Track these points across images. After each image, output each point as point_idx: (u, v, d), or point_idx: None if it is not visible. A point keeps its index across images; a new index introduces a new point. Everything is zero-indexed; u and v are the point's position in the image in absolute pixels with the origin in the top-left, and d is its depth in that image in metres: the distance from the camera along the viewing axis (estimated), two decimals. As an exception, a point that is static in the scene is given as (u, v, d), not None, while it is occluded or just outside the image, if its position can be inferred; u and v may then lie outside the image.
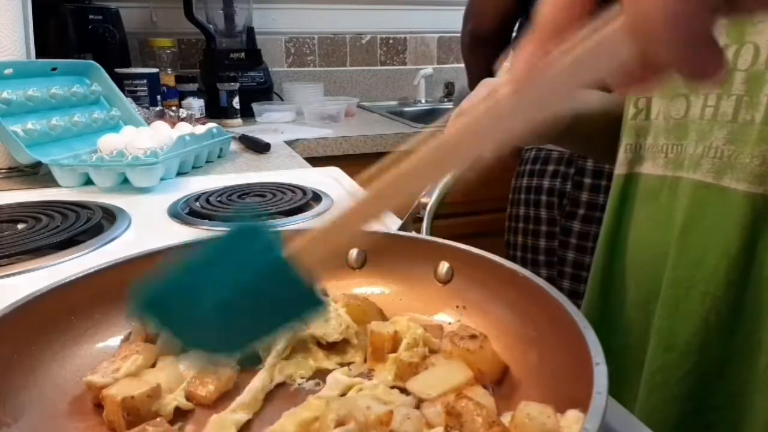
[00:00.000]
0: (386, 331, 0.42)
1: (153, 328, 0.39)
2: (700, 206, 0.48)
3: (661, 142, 0.52)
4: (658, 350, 0.51)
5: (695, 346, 0.48)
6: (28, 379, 0.38)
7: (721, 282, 0.46)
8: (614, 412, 0.38)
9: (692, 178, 0.48)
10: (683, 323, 0.48)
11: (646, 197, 0.54)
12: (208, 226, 0.73)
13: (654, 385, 0.51)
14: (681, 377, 0.48)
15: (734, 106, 0.45)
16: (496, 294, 0.44)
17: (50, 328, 0.41)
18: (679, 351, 0.49)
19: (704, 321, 0.47)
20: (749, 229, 0.44)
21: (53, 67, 1.07)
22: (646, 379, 0.52)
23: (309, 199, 0.84)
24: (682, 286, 0.49)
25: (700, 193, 0.47)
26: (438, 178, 0.29)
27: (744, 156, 0.44)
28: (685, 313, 0.48)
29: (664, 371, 0.50)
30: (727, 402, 0.47)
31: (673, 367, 0.49)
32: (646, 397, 0.52)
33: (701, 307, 0.47)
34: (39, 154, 0.93)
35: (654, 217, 0.53)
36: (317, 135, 1.54)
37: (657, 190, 0.53)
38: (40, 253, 0.63)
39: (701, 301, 0.47)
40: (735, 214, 0.45)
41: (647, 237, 0.54)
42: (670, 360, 0.49)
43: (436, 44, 2.29)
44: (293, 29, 2.08)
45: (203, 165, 1.10)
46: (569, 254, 1.07)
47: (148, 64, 1.80)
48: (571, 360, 0.33)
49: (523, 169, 1.17)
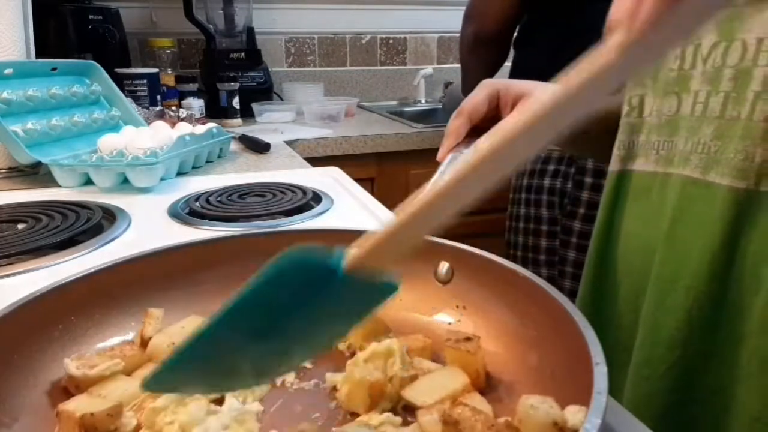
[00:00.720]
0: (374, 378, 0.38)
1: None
2: (687, 201, 0.48)
3: (653, 138, 0.53)
4: (645, 344, 0.51)
5: (679, 340, 0.48)
6: (28, 379, 0.38)
7: (704, 276, 0.46)
8: (614, 411, 0.38)
9: (681, 174, 0.49)
10: (668, 317, 0.49)
11: (638, 194, 0.55)
12: (208, 226, 0.73)
13: (640, 378, 0.51)
14: (665, 370, 0.49)
15: (722, 102, 0.46)
16: (496, 294, 0.44)
17: (50, 328, 0.41)
18: (664, 345, 0.49)
19: (688, 315, 0.47)
20: (732, 223, 0.45)
21: (53, 67, 1.07)
22: (633, 371, 0.52)
23: (309, 199, 0.84)
24: (668, 281, 0.49)
25: (688, 189, 0.48)
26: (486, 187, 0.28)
27: (729, 151, 0.45)
28: (670, 308, 0.49)
29: (649, 364, 0.51)
30: (711, 395, 0.48)
31: (658, 360, 0.50)
32: (632, 389, 0.52)
33: (685, 302, 0.48)
34: (39, 154, 0.93)
35: (644, 214, 0.54)
36: (317, 135, 1.54)
37: (648, 187, 0.53)
38: (40, 253, 0.63)
39: (685, 295, 0.48)
40: (719, 209, 0.45)
41: (637, 233, 0.55)
42: (655, 353, 0.50)
43: (436, 44, 2.29)
44: (293, 29, 2.09)
45: (203, 165, 1.10)
46: (570, 253, 1.07)
47: (148, 64, 1.80)
48: (571, 360, 0.33)
49: (523, 169, 1.17)
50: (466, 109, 0.58)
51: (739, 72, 0.45)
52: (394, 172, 1.61)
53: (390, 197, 1.50)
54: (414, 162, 1.59)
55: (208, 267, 0.49)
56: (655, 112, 0.53)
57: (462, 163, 0.27)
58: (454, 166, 0.56)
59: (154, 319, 0.44)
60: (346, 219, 0.78)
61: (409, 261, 0.28)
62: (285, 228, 0.70)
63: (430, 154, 0.65)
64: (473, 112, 0.58)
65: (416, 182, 1.59)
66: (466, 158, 0.27)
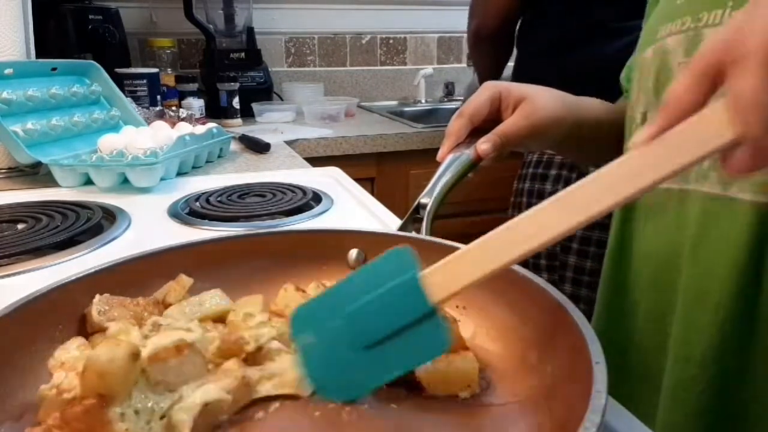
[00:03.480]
0: None
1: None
2: (709, 218, 0.47)
3: None
4: (677, 364, 0.50)
5: (713, 358, 0.47)
6: (28, 379, 0.38)
7: (732, 292, 0.46)
8: (614, 411, 0.38)
9: (700, 191, 0.48)
10: (699, 335, 0.48)
11: (652, 211, 0.54)
12: (208, 226, 0.73)
13: (674, 400, 0.50)
14: (701, 390, 0.48)
15: None
16: (496, 294, 0.44)
17: (50, 328, 0.41)
18: (696, 364, 0.48)
19: (720, 332, 0.47)
20: (757, 238, 0.44)
21: (53, 67, 1.07)
22: (666, 395, 0.51)
23: (309, 199, 0.84)
24: (696, 299, 0.48)
25: (709, 205, 0.47)
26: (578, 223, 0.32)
27: None
28: (700, 326, 0.48)
29: (683, 385, 0.49)
30: (749, 408, 0.47)
31: (692, 380, 0.49)
32: (667, 413, 0.51)
33: (715, 318, 0.47)
34: (39, 154, 0.93)
35: (663, 230, 0.53)
36: (317, 135, 1.54)
37: (663, 204, 0.52)
38: (40, 253, 0.63)
39: (715, 312, 0.47)
40: (742, 224, 0.45)
41: (657, 251, 0.54)
42: (688, 373, 0.49)
43: (436, 44, 2.29)
44: (293, 29, 2.09)
45: (203, 165, 1.10)
46: (570, 259, 1.07)
47: (148, 64, 1.80)
48: (571, 360, 0.33)
49: (525, 173, 1.17)
50: (468, 111, 0.58)
51: None
52: (394, 172, 1.61)
53: (390, 197, 1.50)
54: (414, 162, 1.59)
55: (208, 267, 0.49)
56: None
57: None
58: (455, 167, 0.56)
59: (181, 287, 0.45)
60: (346, 219, 0.78)
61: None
62: (285, 228, 0.70)
63: (430, 154, 0.65)
64: (474, 114, 0.58)
65: (416, 182, 1.59)
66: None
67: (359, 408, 0.36)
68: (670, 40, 0.51)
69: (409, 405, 0.37)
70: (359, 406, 0.35)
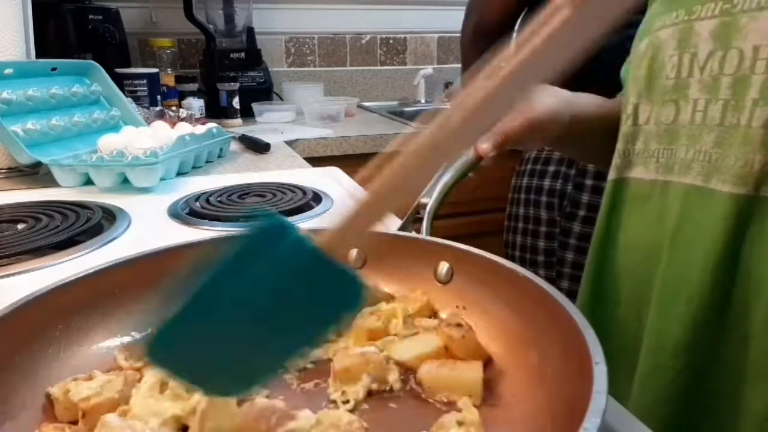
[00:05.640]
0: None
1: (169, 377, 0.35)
2: (689, 209, 0.48)
3: (653, 147, 0.53)
4: (650, 352, 0.51)
5: (685, 347, 0.48)
6: (28, 379, 0.38)
7: (708, 282, 0.46)
8: (613, 411, 0.38)
9: (682, 182, 0.49)
10: (673, 324, 0.49)
11: (637, 201, 0.55)
12: (208, 226, 0.73)
13: (647, 386, 0.51)
14: (672, 378, 0.49)
15: (721, 110, 0.46)
16: (496, 294, 0.44)
17: (50, 328, 0.41)
18: (670, 352, 0.49)
19: (693, 321, 0.47)
20: (734, 229, 0.45)
21: (53, 67, 1.07)
22: (639, 380, 0.52)
23: (309, 199, 0.84)
24: (672, 288, 0.49)
25: (690, 197, 0.48)
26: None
27: (729, 158, 0.45)
28: (675, 315, 0.49)
29: (656, 372, 0.50)
30: (718, 399, 0.48)
31: (665, 368, 0.50)
32: (639, 397, 0.52)
33: (688, 309, 0.48)
34: (39, 154, 0.93)
35: (645, 222, 0.54)
36: (317, 135, 1.54)
37: (647, 195, 0.53)
38: (40, 253, 0.63)
39: (688, 302, 0.48)
40: (720, 215, 0.45)
41: (639, 240, 0.55)
42: (661, 361, 0.50)
43: (436, 44, 2.29)
44: (293, 29, 2.09)
45: (203, 165, 1.10)
46: (568, 255, 1.07)
47: (148, 64, 1.80)
48: (571, 360, 0.33)
49: (523, 169, 1.16)
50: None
51: (737, 80, 0.45)
52: (394, 172, 1.61)
53: (390, 197, 1.50)
54: (414, 162, 1.59)
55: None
56: (653, 120, 0.53)
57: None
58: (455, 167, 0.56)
59: None
60: (346, 219, 0.78)
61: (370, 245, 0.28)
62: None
63: (430, 154, 0.64)
64: None
65: (416, 182, 1.59)
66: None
67: (359, 408, 0.36)
68: (663, 32, 0.52)
69: (409, 405, 0.37)
70: (359, 406, 0.35)
